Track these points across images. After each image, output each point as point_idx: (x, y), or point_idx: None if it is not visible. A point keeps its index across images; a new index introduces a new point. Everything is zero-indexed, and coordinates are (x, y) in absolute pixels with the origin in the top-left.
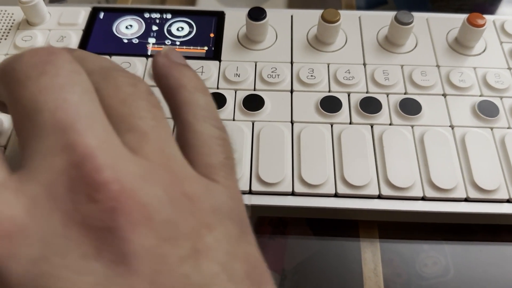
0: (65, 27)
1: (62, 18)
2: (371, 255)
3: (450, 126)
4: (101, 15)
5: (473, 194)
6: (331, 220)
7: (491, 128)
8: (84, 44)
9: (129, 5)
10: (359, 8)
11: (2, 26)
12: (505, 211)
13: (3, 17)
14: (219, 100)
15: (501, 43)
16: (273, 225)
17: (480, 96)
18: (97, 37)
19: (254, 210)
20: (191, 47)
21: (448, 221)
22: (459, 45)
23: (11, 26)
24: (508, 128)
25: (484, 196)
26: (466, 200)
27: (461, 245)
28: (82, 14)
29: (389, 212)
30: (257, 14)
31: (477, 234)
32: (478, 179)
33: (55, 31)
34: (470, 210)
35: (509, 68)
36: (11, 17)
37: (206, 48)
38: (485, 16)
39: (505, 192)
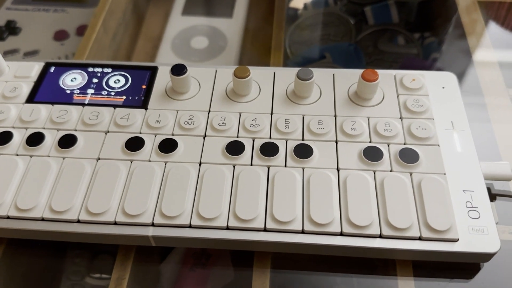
0: (19, 79)
1: (18, 71)
2: (260, 282)
3: (336, 169)
4: (52, 69)
5: (347, 229)
6: (248, 252)
7: (374, 171)
8: (33, 94)
9: (76, 61)
10: (295, 62)
11: None
12: (377, 245)
13: None
14: (138, 143)
15: (398, 95)
16: (196, 257)
17: (369, 142)
18: (45, 88)
19: (157, 241)
20: (115, 97)
21: (326, 253)
22: (358, 97)
23: None
24: (390, 171)
25: (357, 231)
26: (341, 234)
27: (360, 278)
28: (35, 68)
29: (271, 243)
30: (178, 69)
31: (377, 268)
32: (352, 215)
33: (11, 82)
34: (344, 243)
35: (400, 118)
36: None
37: (124, 97)
38: (386, 71)
39: (377, 228)
